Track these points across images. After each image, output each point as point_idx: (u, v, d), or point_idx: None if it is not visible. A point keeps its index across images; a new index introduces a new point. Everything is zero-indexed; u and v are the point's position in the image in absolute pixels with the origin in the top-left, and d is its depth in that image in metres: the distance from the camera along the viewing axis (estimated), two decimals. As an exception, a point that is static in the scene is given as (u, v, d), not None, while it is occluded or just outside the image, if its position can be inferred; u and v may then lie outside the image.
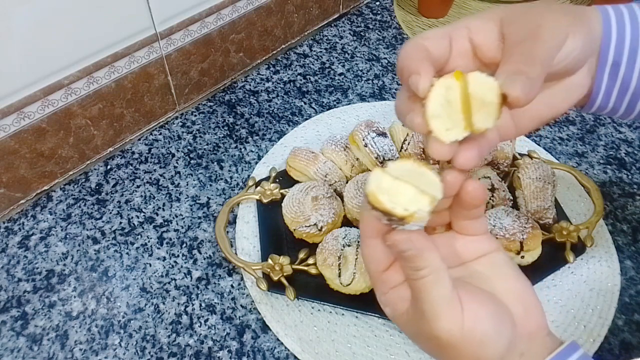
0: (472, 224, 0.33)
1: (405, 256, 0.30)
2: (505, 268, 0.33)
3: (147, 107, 0.67)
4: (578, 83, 0.36)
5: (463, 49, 0.33)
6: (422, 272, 0.29)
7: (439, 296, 0.29)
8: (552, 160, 0.65)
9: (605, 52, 0.35)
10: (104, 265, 0.56)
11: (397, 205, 0.28)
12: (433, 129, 0.28)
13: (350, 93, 0.76)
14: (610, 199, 0.63)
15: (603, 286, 0.54)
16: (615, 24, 0.34)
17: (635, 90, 0.35)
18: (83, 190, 0.63)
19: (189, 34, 0.65)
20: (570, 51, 0.32)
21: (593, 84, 0.36)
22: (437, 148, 0.29)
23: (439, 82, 0.28)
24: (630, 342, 0.51)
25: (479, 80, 0.28)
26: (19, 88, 0.52)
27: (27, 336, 0.51)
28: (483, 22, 0.32)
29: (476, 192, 0.31)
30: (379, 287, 0.34)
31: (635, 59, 0.34)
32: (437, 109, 0.28)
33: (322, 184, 0.58)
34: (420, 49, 0.31)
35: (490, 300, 0.31)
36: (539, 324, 0.32)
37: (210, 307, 0.53)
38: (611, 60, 0.35)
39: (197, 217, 0.61)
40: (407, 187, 0.28)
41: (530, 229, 0.53)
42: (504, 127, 0.34)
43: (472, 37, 0.32)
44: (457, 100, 0.28)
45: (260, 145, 0.68)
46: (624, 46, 0.34)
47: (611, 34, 0.34)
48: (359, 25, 0.88)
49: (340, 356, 0.49)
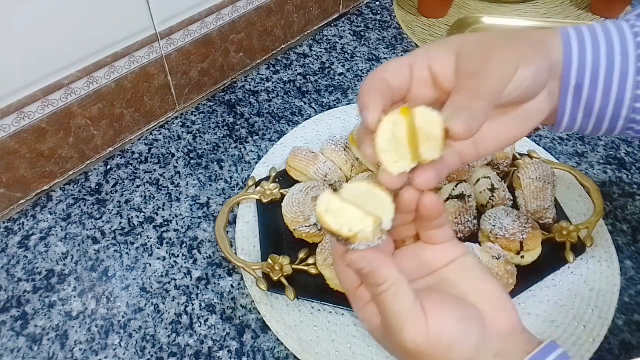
0: (437, 233, 0.34)
1: (363, 274, 0.31)
2: (474, 271, 0.34)
3: (147, 107, 0.67)
4: (537, 108, 0.36)
5: (424, 78, 0.34)
6: (382, 287, 0.30)
7: (401, 308, 0.30)
8: (552, 160, 0.65)
9: (568, 75, 0.35)
10: (104, 265, 0.56)
11: (343, 227, 0.29)
12: (382, 161, 0.30)
13: (350, 93, 0.76)
14: (610, 199, 0.63)
15: (603, 286, 0.54)
16: (576, 47, 0.35)
17: (600, 111, 0.36)
18: (83, 190, 0.63)
19: (189, 34, 0.65)
20: (522, 82, 0.33)
21: (557, 106, 0.37)
22: (386, 179, 0.31)
23: (386, 119, 0.30)
24: (630, 342, 0.51)
25: (424, 115, 0.30)
26: (19, 88, 0.52)
27: (27, 336, 0.51)
28: (442, 52, 0.34)
29: (433, 206, 0.32)
30: (355, 304, 0.35)
31: (597, 80, 0.35)
32: (385, 144, 0.30)
33: (322, 184, 0.58)
34: (379, 81, 0.32)
35: (455, 304, 0.32)
36: (511, 323, 0.32)
37: (210, 307, 0.53)
38: (574, 83, 0.36)
39: (197, 217, 0.61)
40: (353, 209, 0.30)
41: (530, 229, 0.53)
42: (465, 151, 0.36)
43: (432, 66, 0.34)
44: (404, 136, 0.30)
45: (260, 145, 0.68)
46: (585, 69, 0.35)
47: (572, 57, 0.35)
48: (359, 25, 0.88)
49: (340, 356, 0.49)
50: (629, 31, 0.35)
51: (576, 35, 0.35)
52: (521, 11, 0.93)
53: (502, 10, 0.93)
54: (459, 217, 0.55)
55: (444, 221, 0.34)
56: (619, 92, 0.35)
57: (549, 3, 0.95)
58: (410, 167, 0.30)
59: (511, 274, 0.51)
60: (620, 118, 0.36)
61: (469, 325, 0.31)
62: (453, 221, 0.56)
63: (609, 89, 0.35)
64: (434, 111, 0.30)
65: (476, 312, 0.32)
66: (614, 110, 0.36)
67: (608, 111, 0.36)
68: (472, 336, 0.31)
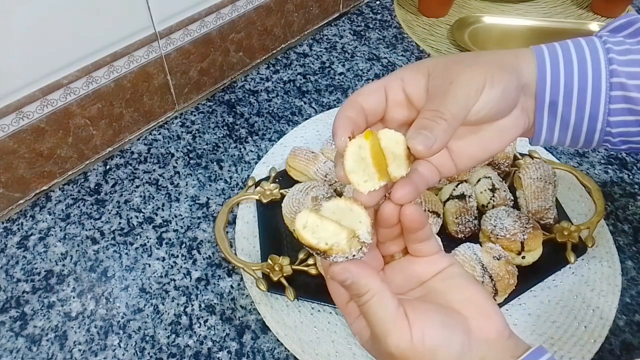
0: (424, 246, 0.35)
1: (346, 286, 0.32)
2: (459, 279, 0.35)
3: (146, 106, 0.66)
4: (511, 124, 0.37)
5: (398, 99, 0.35)
6: (365, 297, 0.32)
7: (384, 315, 0.31)
8: (553, 160, 0.65)
9: (542, 93, 0.37)
10: (103, 266, 0.56)
11: (320, 241, 0.31)
12: (351, 181, 0.32)
13: (350, 93, 0.76)
14: (612, 199, 0.63)
15: (604, 287, 0.54)
16: (549, 65, 0.36)
17: (575, 125, 0.38)
18: (82, 191, 0.63)
19: (189, 33, 0.65)
20: (487, 103, 0.34)
21: (533, 121, 0.38)
22: (359, 197, 0.33)
23: (351, 142, 0.33)
24: (631, 342, 0.51)
25: (388, 136, 0.32)
26: (18, 88, 0.52)
27: (26, 337, 0.51)
28: (414, 74, 0.35)
29: (413, 216, 0.33)
30: (346, 318, 0.36)
31: (571, 97, 0.36)
32: (352, 165, 0.32)
33: (322, 184, 0.58)
34: (351, 106, 0.34)
35: (438, 311, 0.33)
36: (498, 328, 0.33)
37: (210, 308, 0.53)
38: (548, 100, 0.37)
39: (196, 218, 0.60)
40: (331, 224, 0.32)
41: (531, 229, 0.53)
42: (444, 166, 0.37)
43: (405, 88, 0.35)
44: (368, 157, 0.32)
45: (260, 145, 0.68)
46: (559, 86, 0.36)
47: (546, 75, 0.36)
48: (359, 24, 0.87)
49: (340, 357, 0.49)
50: (600, 47, 0.36)
51: (548, 53, 0.37)
52: (522, 10, 0.93)
53: (502, 9, 0.93)
54: (459, 217, 0.55)
55: (429, 234, 0.35)
56: (591, 107, 0.36)
57: (550, 2, 0.95)
58: (380, 185, 0.32)
59: (512, 274, 0.51)
60: (596, 131, 0.38)
61: (452, 330, 0.32)
62: (454, 221, 0.56)
63: (583, 105, 0.37)
64: (397, 132, 0.32)
65: (460, 318, 0.33)
66: (589, 124, 0.37)
67: (583, 125, 0.37)
68: (456, 341, 0.31)
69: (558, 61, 0.36)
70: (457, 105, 0.33)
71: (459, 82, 0.33)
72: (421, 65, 0.36)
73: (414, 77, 0.35)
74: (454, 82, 0.33)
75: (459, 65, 0.35)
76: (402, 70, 0.36)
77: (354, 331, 0.35)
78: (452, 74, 0.34)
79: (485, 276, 0.50)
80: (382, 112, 0.36)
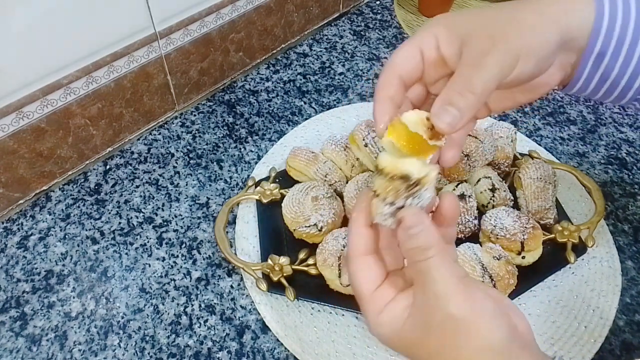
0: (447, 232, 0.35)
1: (412, 234, 0.31)
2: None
3: (146, 106, 0.66)
4: (544, 81, 0.37)
5: (432, 58, 0.35)
6: (430, 251, 0.31)
7: (448, 273, 0.30)
8: (553, 160, 0.65)
9: (593, 42, 0.36)
10: (103, 266, 0.56)
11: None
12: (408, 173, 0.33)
13: (350, 93, 0.76)
14: (612, 199, 0.63)
15: (604, 287, 0.54)
16: (607, 14, 0.35)
17: (614, 80, 0.37)
18: (82, 190, 0.63)
19: (189, 33, 0.65)
20: (519, 74, 0.34)
21: (569, 74, 0.38)
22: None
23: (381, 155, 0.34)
24: (632, 342, 0.51)
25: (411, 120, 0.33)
26: (18, 88, 0.52)
27: (26, 337, 0.51)
28: (448, 33, 0.35)
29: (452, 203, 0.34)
30: (372, 307, 0.33)
31: (621, 49, 0.36)
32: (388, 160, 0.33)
33: (322, 184, 0.58)
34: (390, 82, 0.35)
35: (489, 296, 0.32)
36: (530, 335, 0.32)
37: (210, 308, 0.53)
38: (597, 51, 0.36)
39: (196, 218, 0.60)
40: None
41: (531, 229, 0.53)
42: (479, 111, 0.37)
43: (439, 46, 0.35)
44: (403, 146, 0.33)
45: (260, 145, 0.68)
46: (612, 37, 0.35)
47: (602, 24, 0.35)
48: (359, 24, 0.87)
49: (340, 357, 0.49)
50: None
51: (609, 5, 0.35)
52: (522, 10, 0.92)
53: (502, 9, 0.93)
54: (459, 217, 0.55)
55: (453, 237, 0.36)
56: (637, 64, 0.36)
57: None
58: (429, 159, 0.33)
59: (512, 274, 0.51)
60: (631, 89, 0.37)
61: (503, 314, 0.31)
62: (453, 221, 0.56)
63: (629, 60, 0.36)
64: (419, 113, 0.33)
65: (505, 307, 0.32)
66: (628, 81, 0.37)
67: (623, 81, 0.37)
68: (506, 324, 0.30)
69: (616, 11, 0.35)
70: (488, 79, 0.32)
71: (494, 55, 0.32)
72: (455, 24, 0.35)
73: (447, 38, 0.34)
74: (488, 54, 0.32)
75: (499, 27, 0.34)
76: (436, 26, 0.35)
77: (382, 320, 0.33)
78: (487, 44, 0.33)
79: (485, 276, 0.50)
80: (420, 74, 0.36)
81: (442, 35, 0.35)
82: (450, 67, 0.35)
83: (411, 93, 0.38)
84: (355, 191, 0.56)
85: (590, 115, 0.73)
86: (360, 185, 0.57)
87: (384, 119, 0.34)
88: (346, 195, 0.57)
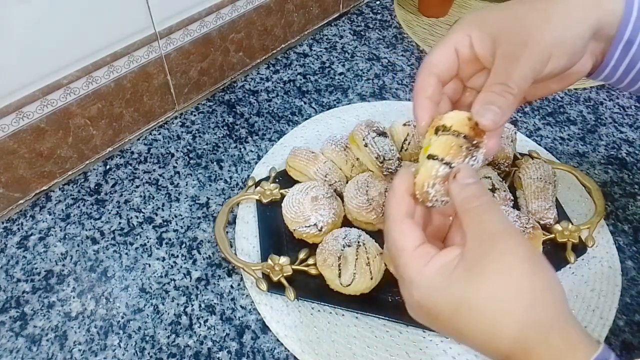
0: None
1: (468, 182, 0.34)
2: None
3: (146, 106, 0.66)
4: (577, 70, 0.39)
5: (466, 57, 0.37)
6: (483, 198, 0.33)
7: (501, 216, 0.33)
8: (553, 160, 0.65)
9: (623, 30, 0.37)
10: (103, 266, 0.56)
11: None
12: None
13: (350, 93, 0.76)
14: (612, 199, 0.63)
15: (604, 287, 0.54)
16: (637, 4, 0.36)
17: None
18: (82, 191, 0.63)
19: (189, 33, 0.65)
20: (552, 69, 0.36)
21: (598, 62, 0.39)
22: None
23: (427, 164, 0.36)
24: (631, 342, 0.51)
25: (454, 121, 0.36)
26: (18, 88, 0.52)
27: (26, 337, 0.51)
28: (481, 32, 0.37)
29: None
30: (416, 261, 0.33)
31: None
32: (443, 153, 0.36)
33: (322, 184, 0.58)
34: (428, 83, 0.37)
35: None
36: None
37: (210, 308, 0.53)
38: (626, 38, 0.37)
39: (196, 218, 0.60)
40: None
41: (531, 229, 0.53)
42: None
43: (473, 45, 0.37)
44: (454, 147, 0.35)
45: (260, 145, 0.68)
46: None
47: (632, 11, 0.36)
48: (359, 24, 0.87)
49: (341, 357, 0.49)
50: None
51: None
52: (522, 10, 0.92)
53: (502, 9, 0.92)
54: (459, 217, 0.55)
55: None
56: None
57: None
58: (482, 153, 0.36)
59: (512, 274, 0.51)
60: None
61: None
62: (453, 221, 0.56)
63: None
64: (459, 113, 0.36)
65: None
66: None
67: None
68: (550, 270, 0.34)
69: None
70: (524, 78, 0.34)
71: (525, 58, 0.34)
72: (486, 23, 0.37)
73: (480, 37, 0.36)
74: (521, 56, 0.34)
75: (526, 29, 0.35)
76: (469, 25, 0.37)
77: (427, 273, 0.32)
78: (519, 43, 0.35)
79: (485, 276, 0.50)
80: (455, 72, 0.38)
81: (475, 35, 0.36)
82: (485, 65, 0.37)
83: (447, 89, 0.40)
84: (355, 191, 0.56)
85: (590, 115, 0.73)
86: (360, 185, 0.57)
87: (425, 117, 0.37)
88: (346, 195, 0.57)
